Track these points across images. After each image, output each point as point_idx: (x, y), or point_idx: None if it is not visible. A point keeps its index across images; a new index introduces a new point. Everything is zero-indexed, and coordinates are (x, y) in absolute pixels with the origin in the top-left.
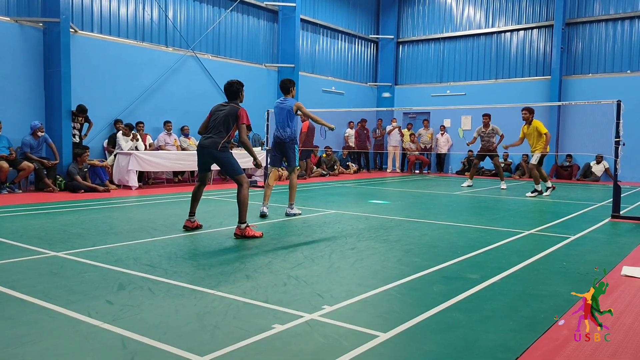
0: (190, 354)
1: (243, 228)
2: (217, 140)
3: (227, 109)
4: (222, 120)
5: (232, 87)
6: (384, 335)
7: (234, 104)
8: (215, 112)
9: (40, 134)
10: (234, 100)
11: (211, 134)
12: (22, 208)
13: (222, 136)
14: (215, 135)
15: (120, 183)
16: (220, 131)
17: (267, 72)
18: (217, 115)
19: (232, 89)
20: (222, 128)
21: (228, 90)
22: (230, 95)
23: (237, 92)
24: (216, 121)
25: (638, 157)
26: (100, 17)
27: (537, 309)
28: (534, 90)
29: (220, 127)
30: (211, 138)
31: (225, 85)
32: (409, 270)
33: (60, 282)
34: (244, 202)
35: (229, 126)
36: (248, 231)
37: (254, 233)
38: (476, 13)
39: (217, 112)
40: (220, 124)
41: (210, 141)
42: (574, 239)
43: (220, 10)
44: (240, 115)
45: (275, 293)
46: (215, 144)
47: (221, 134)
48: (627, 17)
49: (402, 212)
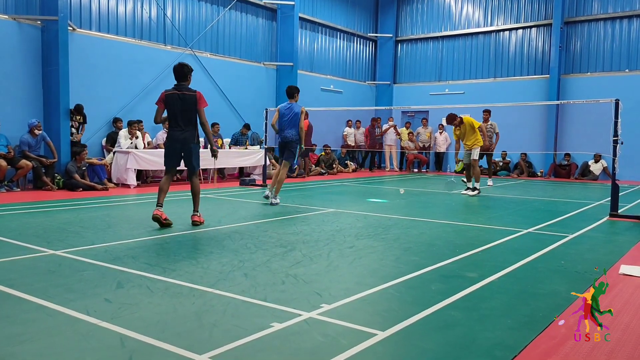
0: (188, 352)
1: (199, 215)
2: (193, 133)
3: (186, 98)
4: (189, 111)
5: (184, 68)
6: (382, 334)
7: (189, 91)
8: (174, 104)
9: (38, 131)
10: (184, 81)
11: (184, 128)
12: (20, 206)
13: (195, 128)
14: (189, 129)
15: (118, 181)
16: (190, 121)
17: (265, 70)
18: (176, 107)
19: (183, 70)
20: (190, 117)
21: (179, 72)
22: (180, 76)
23: (188, 73)
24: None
25: (636, 156)
26: (98, 15)
27: (535, 307)
28: (532, 89)
29: (189, 116)
30: (186, 132)
31: (176, 66)
32: (407, 268)
33: (58, 280)
34: (198, 192)
35: (195, 113)
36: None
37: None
38: (475, 11)
39: (176, 102)
40: (188, 113)
41: (188, 134)
42: (572, 238)
43: (219, 9)
44: (199, 99)
45: (273, 291)
46: (192, 137)
47: (192, 123)
48: (626, 16)
49: (401, 210)
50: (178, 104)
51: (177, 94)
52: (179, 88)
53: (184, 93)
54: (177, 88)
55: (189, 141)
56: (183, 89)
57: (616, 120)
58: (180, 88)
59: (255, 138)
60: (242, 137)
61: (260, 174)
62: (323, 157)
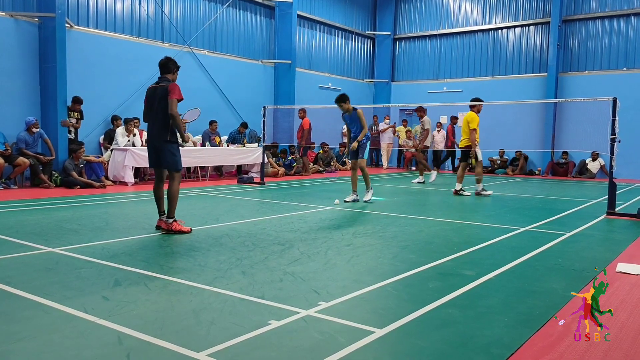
0: (186, 349)
1: (170, 222)
2: (162, 131)
3: (159, 92)
4: (160, 106)
5: (169, 62)
6: (379, 331)
7: (165, 84)
8: (151, 99)
9: (35, 129)
10: (166, 74)
11: (155, 125)
12: (17, 204)
13: (166, 124)
14: (159, 126)
15: (116, 179)
16: (162, 120)
17: (263, 68)
18: (153, 102)
19: (169, 64)
20: (164, 114)
21: (164, 65)
22: (164, 69)
23: (172, 68)
24: (155, 107)
25: (634, 154)
26: (96, 12)
27: (533, 305)
28: (530, 87)
29: (160, 115)
30: (156, 129)
31: (161, 60)
32: (404, 266)
33: (55, 278)
34: (175, 197)
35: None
36: (175, 226)
37: (180, 228)
38: (473, 9)
39: (152, 98)
40: (162, 109)
41: (157, 131)
42: (570, 236)
43: (217, 6)
44: (171, 90)
45: (271, 289)
46: (161, 135)
47: (165, 122)
48: (624, 15)
49: (398, 208)
50: (151, 98)
51: (153, 87)
52: (158, 81)
53: (159, 86)
54: (156, 82)
55: (159, 138)
56: (160, 82)
57: (614, 119)
58: (159, 81)
59: (253, 136)
60: (239, 135)
61: (258, 172)
62: (321, 155)
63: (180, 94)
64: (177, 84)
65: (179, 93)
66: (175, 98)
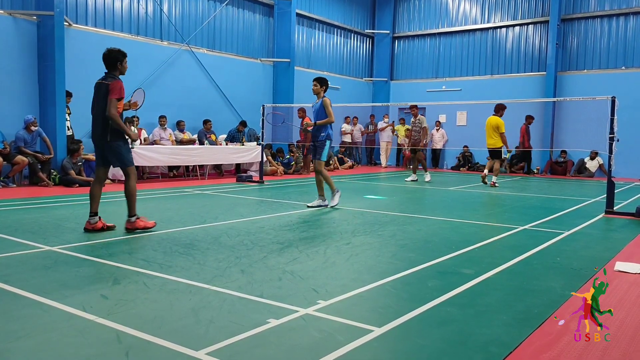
0: (185, 348)
1: (133, 221)
2: (103, 131)
3: (102, 89)
4: (102, 102)
5: (111, 54)
6: (378, 330)
7: (108, 81)
8: (96, 98)
9: (34, 128)
10: (113, 71)
11: (96, 124)
12: (16, 202)
13: (106, 123)
14: (100, 125)
15: (114, 178)
16: (103, 119)
17: (262, 66)
18: (97, 101)
19: (111, 56)
20: (103, 115)
21: (106, 58)
22: (108, 64)
23: (115, 61)
24: (97, 104)
25: (632, 154)
26: (94, 11)
27: (531, 304)
28: (529, 86)
29: (101, 114)
30: (97, 128)
31: (104, 53)
32: (403, 265)
33: (54, 276)
34: (132, 194)
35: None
36: (138, 223)
37: (145, 224)
38: (472, 8)
39: (96, 96)
40: (99, 108)
41: (99, 132)
42: (568, 235)
43: (216, 4)
44: (111, 89)
45: (270, 288)
46: (103, 136)
47: (105, 122)
48: (622, 14)
49: (397, 207)
50: (95, 96)
51: (98, 84)
52: (103, 78)
53: (103, 83)
54: (102, 78)
55: (100, 138)
56: (105, 79)
57: (612, 118)
58: (104, 78)
59: (251, 134)
60: (238, 133)
61: (257, 171)
62: None
63: (120, 92)
64: (119, 81)
65: (118, 92)
66: (114, 98)
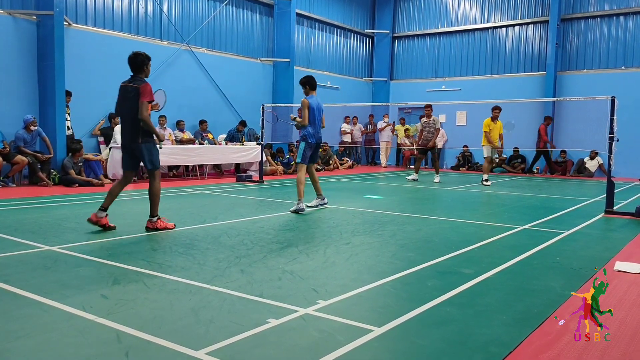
0: (185, 348)
1: (154, 221)
2: (134, 132)
3: (130, 90)
4: (130, 105)
5: (137, 58)
6: (378, 330)
7: (137, 83)
8: (123, 99)
9: (34, 128)
10: (138, 73)
11: (126, 126)
12: (16, 202)
13: (136, 125)
14: (131, 128)
15: (114, 177)
16: (132, 121)
17: (262, 66)
18: (125, 102)
19: (137, 60)
20: (133, 117)
21: (133, 62)
22: (135, 67)
23: (142, 65)
24: (126, 107)
25: (632, 153)
26: (94, 10)
27: (531, 303)
28: (528, 86)
29: (131, 116)
30: (127, 131)
31: (130, 56)
32: (403, 265)
33: (54, 276)
34: (156, 195)
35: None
36: (159, 223)
37: (165, 225)
38: (472, 8)
39: (124, 98)
40: (132, 109)
41: (129, 135)
42: (568, 235)
43: (216, 4)
44: (142, 92)
45: (270, 288)
46: (133, 138)
47: (135, 123)
48: (622, 13)
49: (397, 207)
50: (122, 98)
51: (125, 85)
52: (129, 80)
53: (131, 85)
54: (128, 80)
55: (131, 140)
56: (132, 82)
57: (612, 118)
58: (131, 80)
59: (251, 134)
60: (238, 133)
61: (256, 170)
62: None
63: (151, 95)
64: (148, 84)
65: (149, 95)
66: (146, 101)
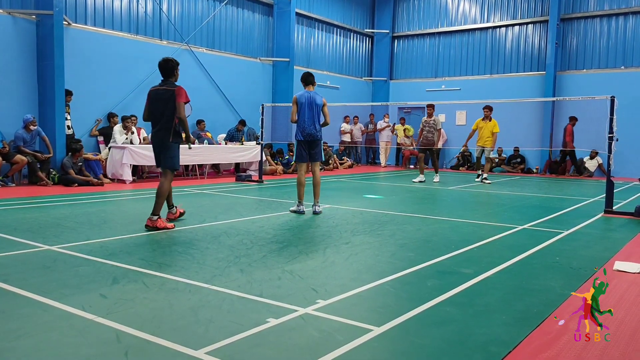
0: (184, 347)
1: (155, 220)
2: (166, 133)
3: (164, 94)
4: (165, 107)
5: (168, 64)
6: (378, 330)
7: (170, 86)
8: (156, 101)
9: (33, 127)
10: (169, 78)
11: (157, 126)
12: (15, 201)
13: (169, 126)
14: (163, 128)
15: (114, 177)
16: (168, 119)
17: (261, 66)
18: (158, 104)
19: (168, 66)
20: (169, 116)
21: (163, 68)
22: (166, 72)
23: (173, 70)
24: (160, 109)
25: (631, 153)
26: (94, 10)
27: (530, 303)
28: (528, 86)
29: (167, 115)
30: (160, 130)
31: (160, 62)
32: (403, 264)
33: (53, 275)
34: (163, 195)
35: (173, 111)
36: (159, 223)
37: (165, 225)
38: (471, 8)
39: (157, 101)
40: (167, 111)
41: (161, 133)
42: (567, 234)
43: (215, 4)
44: (178, 94)
45: (269, 287)
46: (165, 137)
47: (170, 122)
48: (622, 13)
49: (397, 207)
50: (155, 101)
51: (157, 89)
52: (161, 85)
53: (164, 89)
54: (159, 85)
55: (162, 140)
56: (164, 85)
57: (612, 117)
58: (162, 84)
59: (251, 134)
60: (237, 133)
61: (256, 170)
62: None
63: (187, 96)
64: (182, 87)
65: (186, 96)
66: (182, 102)
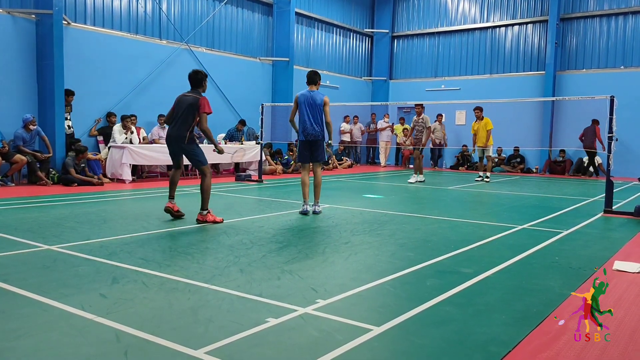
0: (184, 347)
1: (204, 214)
2: (182, 131)
3: (189, 99)
4: (186, 110)
5: (197, 75)
6: (377, 329)
7: (196, 94)
8: (179, 103)
9: (33, 127)
10: (197, 88)
11: (177, 125)
12: (15, 201)
13: (186, 127)
14: (181, 127)
15: (113, 176)
16: (184, 122)
17: (261, 65)
18: (181, 105)
19: (197, 77)
20: (186, 118)
21: (193, 79)
22: (195, 83)
23: (201, 81)
24: (180, 111)
25: (630, 153)
26: (93, 9)
27: (530, 303)
28: (528, 85)
29: (184, 117)
30: (177, 129)
31: (190, 74)
32: (402, 264)
33: (53, 275)
34: (207, 191)
35: (192, 116)
36: (209, 217)
37: (214, 218)
38: (471, 7)
39: (181, 102)
40: (184, 114)
41: (176, 132)
42: (567, 234)
43: (215, 3)
44: (202, 104)
45: (269, 287)
46: (181, 136)
47: (185, 124)
48: (621, 13)
49: (396, 206)
50: (179, 103)
51: (185, 94)
52: (189, 92)
53: (191, 96)
54: (188, 92)
55: (178, 140)
56: (192, 93)
57: (611, 117)
58: (191, 92)
59: (251, 133)
60: (237, 132)
61: (255, 170)
62: None
63: (210, 107)
64: (206, 98)
65: (209, 107)
66: (205, 112)
